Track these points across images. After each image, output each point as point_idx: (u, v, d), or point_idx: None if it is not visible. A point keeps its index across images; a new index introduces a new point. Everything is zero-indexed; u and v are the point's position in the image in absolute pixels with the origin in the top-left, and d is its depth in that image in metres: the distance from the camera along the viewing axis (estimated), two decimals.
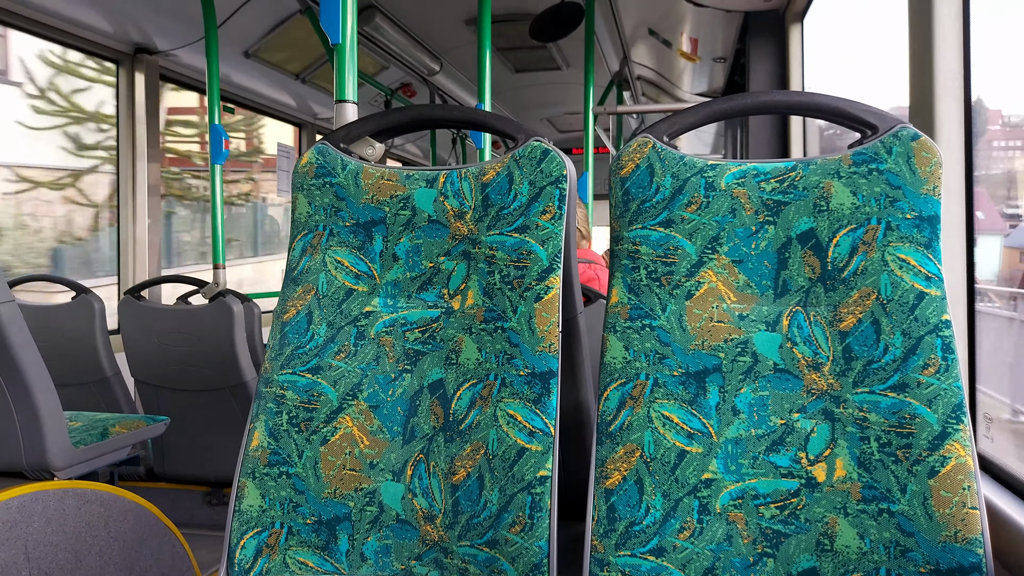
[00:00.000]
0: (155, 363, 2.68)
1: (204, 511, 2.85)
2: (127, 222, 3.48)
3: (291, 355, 1.13)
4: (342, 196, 1.17)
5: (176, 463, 2.81)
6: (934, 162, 0.97)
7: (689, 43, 4.07)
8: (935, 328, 0.94)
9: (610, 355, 1.04)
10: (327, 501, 1.08)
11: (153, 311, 2.66)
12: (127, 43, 3.38)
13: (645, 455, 0.99)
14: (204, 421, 2.71)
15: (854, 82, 4.28)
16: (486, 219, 1.11)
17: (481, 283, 1.10)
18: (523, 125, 1.15)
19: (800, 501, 0.95)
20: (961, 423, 0.91)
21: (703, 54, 4.26)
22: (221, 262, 2.91)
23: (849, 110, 1.03)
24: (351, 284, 1.16)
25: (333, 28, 1.37)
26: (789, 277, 1.02)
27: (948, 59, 1.23)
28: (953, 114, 1.22)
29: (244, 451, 1.10)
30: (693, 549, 0.96)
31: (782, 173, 1.04)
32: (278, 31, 3.57)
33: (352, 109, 1.38)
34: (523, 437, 1.01)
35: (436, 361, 1.11)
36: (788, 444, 0.97)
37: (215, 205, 2.93)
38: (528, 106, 5.73)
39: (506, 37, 4.11)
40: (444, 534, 1.04)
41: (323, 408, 1.11)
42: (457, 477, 1.04)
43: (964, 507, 0.88)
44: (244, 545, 1.07)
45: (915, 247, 0.97)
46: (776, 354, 1.00)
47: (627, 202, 1.07)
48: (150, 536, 1.89)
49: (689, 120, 1.08)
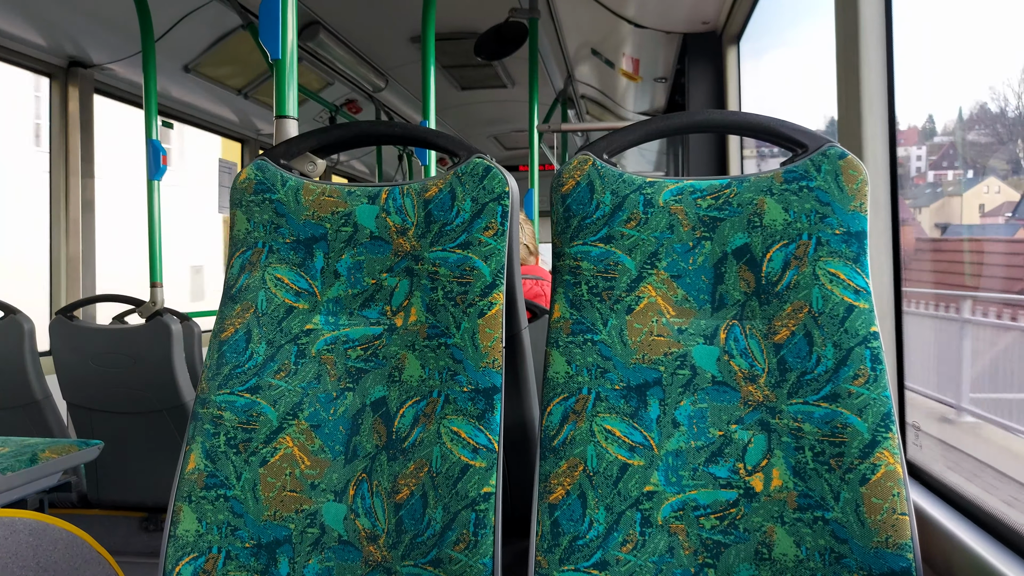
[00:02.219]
0: (88, 385, 2.59)
1: (141, 537, 2.75)
2: (59, 239, 3.36)
3: (229, 375, 1.11)
4: (282, 212, 1.16)
5: (111, 489, 2.71)
6: (860, 179, 1.01)
7: (631, 63, 4.16)
8: (864, 340, 0.97)
9: (553, 370, 1.04)
10: (266, 524, 1.06)
11: (86, 331, 2.57)
12: (61, 56, 3.29)
13: (588, 469, 1.00)
14: (141, 444, 2.63)
15: (806, 101, 4.44)
16: (429, 235, 1.11)
17: (424, 299, 1.10)
18: (465, 142, 1.15)
19: (739, 511, 0.97)
20: (890, 431, 0.94)
21: (645, 74, 4.35)
22: (159, 280, 2.84)
23: (779, 129, 1.07)
24: (291, 302, 1.14)
25: (272, 43, 1.36)
26: (726, 291, 1.05)
27: (873, 81, 1.28)
28: (878, 133, 1.27)
29: (179, 474, 1.07)
30: (636, 562, 0.97)
31: (717, 190, 1.06)
32: (219, 46, 3.51)
33: (292, 125, 1.37)
34: (467, 454, 1.01)
35: (379, 379, 1.10)
36: (727, 455, 0.99)
37: (152, 222, 2.86)
38: (475, 123, 5.75)
39: (451, 55, 4.12)
40: (387, 554, 1.02)
41: (262, 428, 1.08)
42: (400, 496, 1.03)
43: (894, 513, 0.91)
44: (180, 572, 1.04)
45: (844, 261, 1.00)
46: (714, 367, 1.02)
47: (568, 218, 1.08)
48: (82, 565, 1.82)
49: (628, 138, 1.11)
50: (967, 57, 3.54)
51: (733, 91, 3.38)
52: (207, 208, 10.97)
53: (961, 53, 3.42)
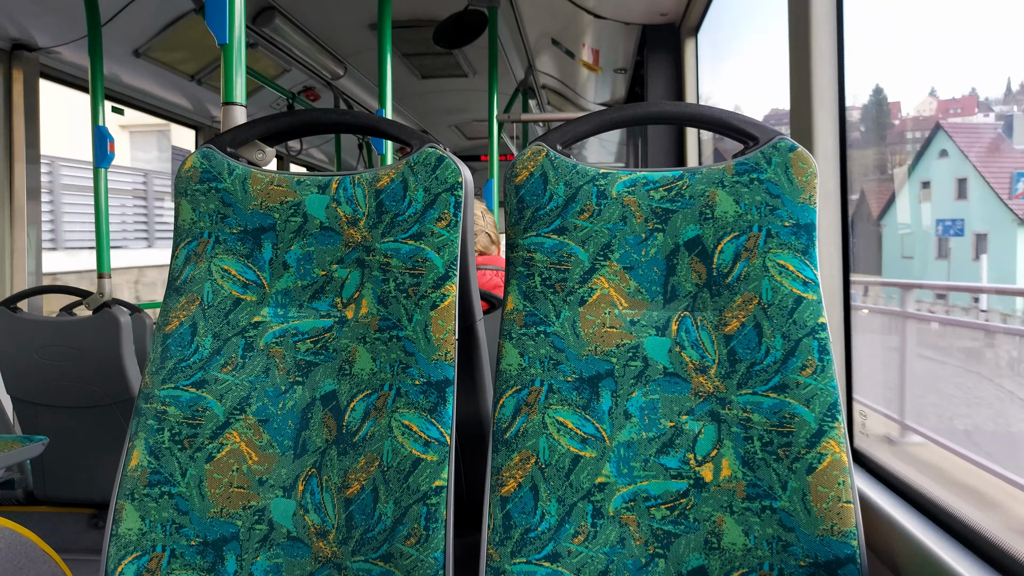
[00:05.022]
0: (33, 379, 2.51)
1: (90, 535, 2.68)
2: (3, 228, 3.25)
3: (173, 369, 1.08)
4: (229, 202, 1.13)
5: (58, 485, 2.64)
6: (810, 172, 1.02)
7: (591, 54, 4.16)
8: (812, 331, 0.99)
9: (506, 362, 1.04)
10: (213, 521, 1.04)
11: (30, 323, 2.49)
12: (4, 39, 3.17)
13: (540, 461, 1.00)
14: (89, 440, 2.56)
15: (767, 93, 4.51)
16: (380, 226, 1.09)
17: (375, 291, 1.08)
18: (417, 131, 1.14)
19: (689, 501, 0.98)
20: (836, 421, 0.95)
21: (604, 65, 4.35)
22: (107, 271, 2.76)
23: (731, 121, 1.07)
24: (238, 293, 1.12)
25: (220, 27, 1.32)
26: (677, 283, 1.05)
27: (824, 75, 1.30)
28: (828, 126, 1.29)
29: (122, 472, 1.04)
30: (587, 553, 0.97)
31: (670, 182, 1.06)
32: (171, 30, 3.42)
33: (241, 112, 1.33)
34: (418, 447, 1.00)
35: (329, 372, 1.08)
36: (677, 446, 0.99)
37: (99, 210, 2.78)
38: (435, 112, 5.71)
39: (411, 43, 4.07)
40: (337, 550, 1.01)
41: (208, 424, 1.06)
42: (351, 491, 1.02)
43: (839, 501, 0.93)
44: (122, 571, 1.01)
45: (793, 253, 1.01)
46: (666, 358, 1.03)
47: (522, 209, 1.07)
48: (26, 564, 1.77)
49: (582, 129, 1.10)
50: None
51: (691, 83, 3.40)
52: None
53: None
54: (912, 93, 5.01)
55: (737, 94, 4.43)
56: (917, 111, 4.47)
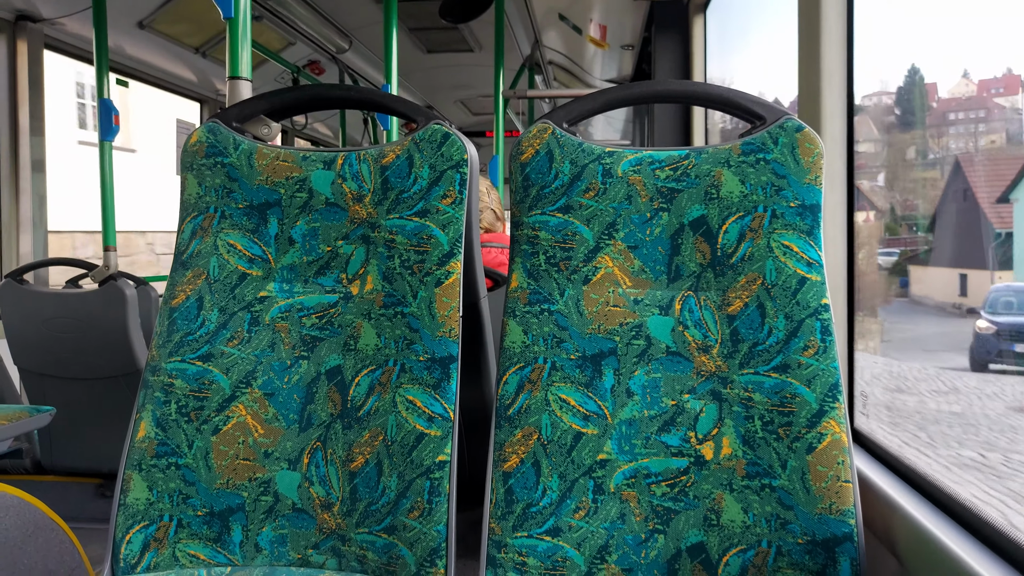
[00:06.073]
0: (40, 350, 2.53)
1: (97, 504, 2.72)
2: (9, 201, 3.26)
3: (180, 342, 1.09)
4: (234, 177, 1.13)
5: (65, 455, 2.67)
6: (816, 153, 1.02)
7: (598, 30, 4.12)
8: (815, 312, 0.99)
9: (509, 339, 1.05)
10: (219, 492, 1.05)
11: (36, 296, 2.50)
12: (9, 10, 3.15)
13: (542, 438, 1.01)
14: (95, 411, 2.58)
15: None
16: (385, 203, 1.10)
17: (380, 268, 1.09)
18: (423, 108, 1.14)
19: (689, 479, 0.99)
20: (837, 401, 0.96)
21: (612, 41, 4.31)
22: (112, 244, 2.77)
23: (739, 101, 1.07)
24: (244, 268, 1.12)
25: (225, 1, 1.31)
26: (681, 263, 1.05)
27: (833, 57, 1.29)
28: (837, 108, 1.28)
29: (130, 442, 1.06)
30: (588, 528, 0.98)
31: (676, 161, 1.06)
32: (174, 2, 3.40)
33: (246, 86, 1.33)
34: (422, 423, 1.01)
35: (334, 347, 1.09)
36: (679, 424, 1.00)
37: (104, 183, 2.78)
38: (441, 87, 5.67)
39: (417, 16, 4.04)
40: (342, 522, 1.03)
41: (215, 397, 1.07)
42: (355, 464, 1.03)
43: (838, 480, 0.94)
44: (130, 540, 1.03)
45: (798, 234, 1.01)
46: (668, 337, 1.03)
47: (527, 187, 1.07)
48: (35, 532, 1.80)
49: (588, 107, 1.10)
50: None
51: (699, 61, 3.37)
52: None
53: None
54: (939, 76, 4.85)
55: (745, 80, 4.35)
56: (951, 93, 4.34)
